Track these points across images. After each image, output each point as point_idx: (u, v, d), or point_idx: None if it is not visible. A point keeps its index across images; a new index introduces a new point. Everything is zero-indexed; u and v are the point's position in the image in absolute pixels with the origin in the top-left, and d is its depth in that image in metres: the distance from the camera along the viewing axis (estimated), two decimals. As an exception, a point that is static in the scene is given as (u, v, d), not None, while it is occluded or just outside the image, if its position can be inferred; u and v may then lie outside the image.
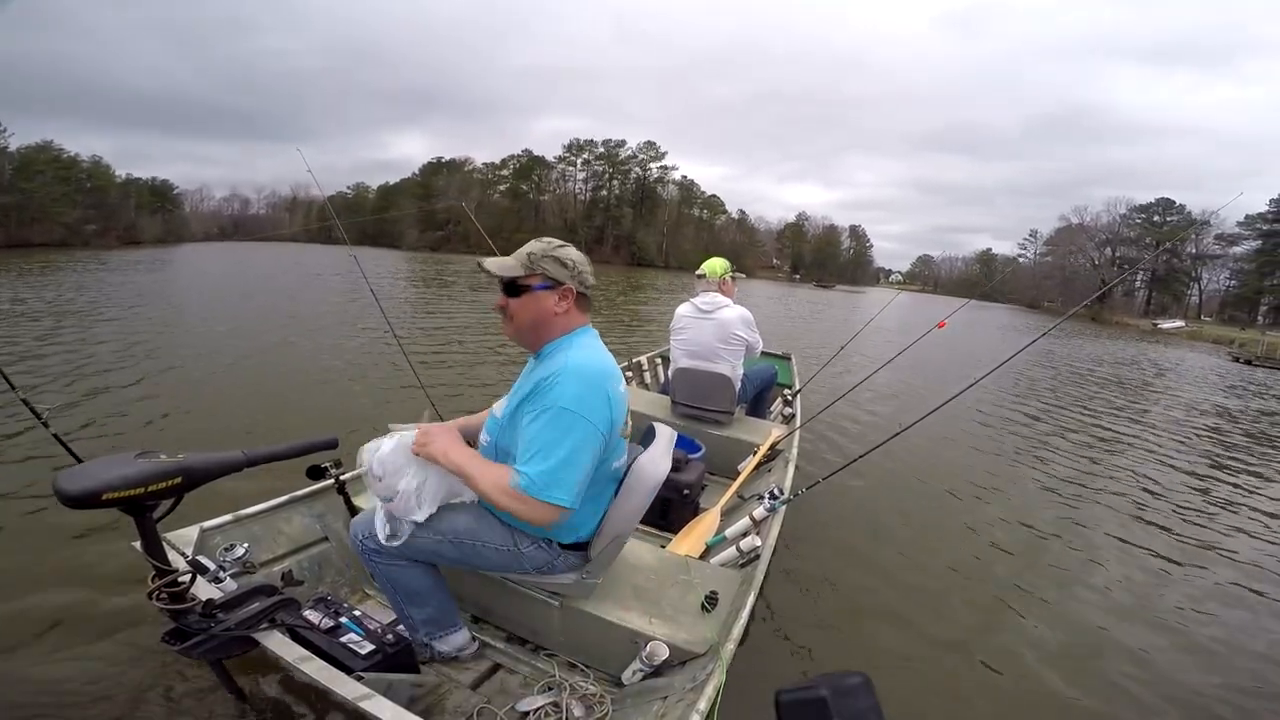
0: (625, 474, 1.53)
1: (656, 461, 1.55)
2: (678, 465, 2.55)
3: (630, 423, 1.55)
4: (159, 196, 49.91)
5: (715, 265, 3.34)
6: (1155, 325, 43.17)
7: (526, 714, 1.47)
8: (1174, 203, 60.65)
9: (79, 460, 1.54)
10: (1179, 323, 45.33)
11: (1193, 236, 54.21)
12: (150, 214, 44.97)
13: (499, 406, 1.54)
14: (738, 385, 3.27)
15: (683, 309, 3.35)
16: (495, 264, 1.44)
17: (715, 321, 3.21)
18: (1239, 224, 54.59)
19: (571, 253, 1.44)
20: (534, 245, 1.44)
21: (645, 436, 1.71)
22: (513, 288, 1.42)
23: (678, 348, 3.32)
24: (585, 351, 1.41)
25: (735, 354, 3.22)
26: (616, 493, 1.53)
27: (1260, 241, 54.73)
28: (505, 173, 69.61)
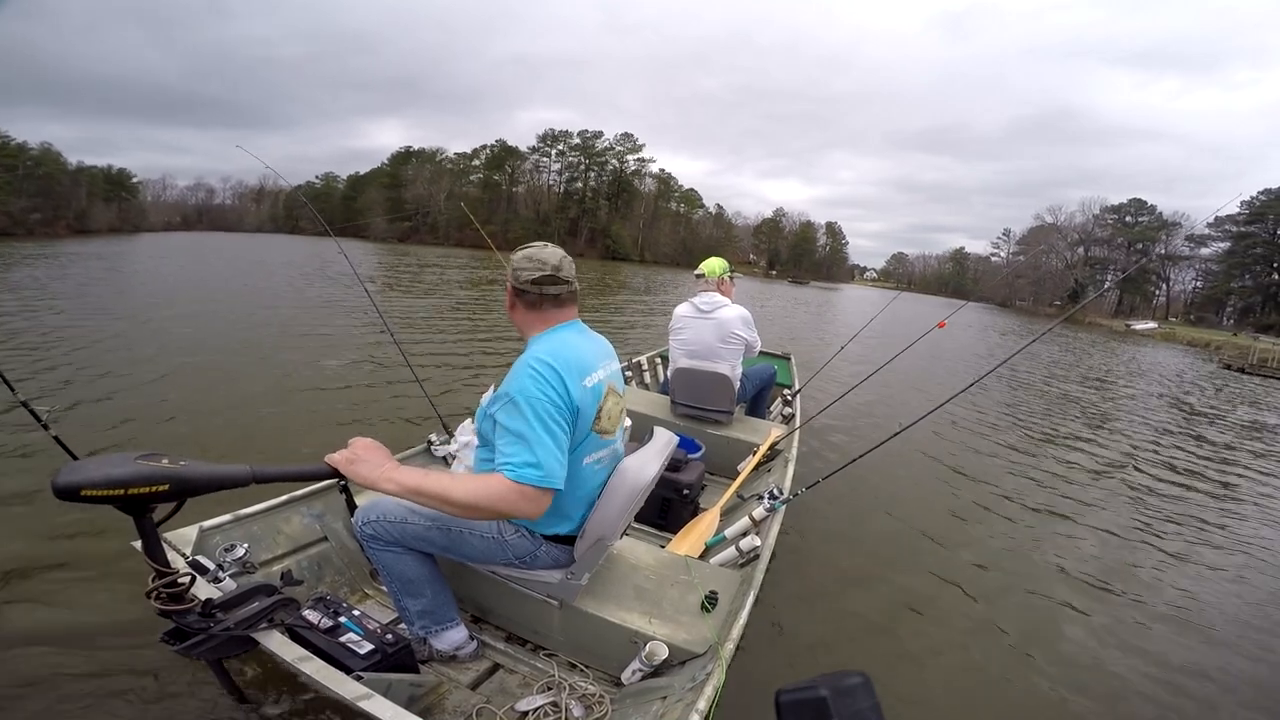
0: (610, 474, 1.54)
1: (642, 466, 1.55)
2: (677, 465, 2.55)
3: (614, 418, 1.55)
4: (115, 185, 48.34)
5: (714, 265, 3.35)
6: (1128, 326, 42.57)
7: (526, 714, 1.47)
8: (1145, 203, 60.75)
9: (75, 459, 1.54)
10: (1152, 324, 44.78)
11: (1163, 237, 54.69)
12: (105, 203, 43.60)
13: (487, 397, 1.59)
14: (737, 385, 3.27)
15: (682, 309, 3.35)
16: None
17: (715, 321, 3.21)
18: (1209, 225, 54.82)
19: (519, 252, 1.52)
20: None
21: (644, 439, 1.72)
22: None
23: (677, 348, 3.31)
24: (549, 344, 1.44)
25: (735, 353, 3.22)
26: (601, 492, 1.53)
27: (1230, 243, 54.66)
28: (477, 163, 68.43)
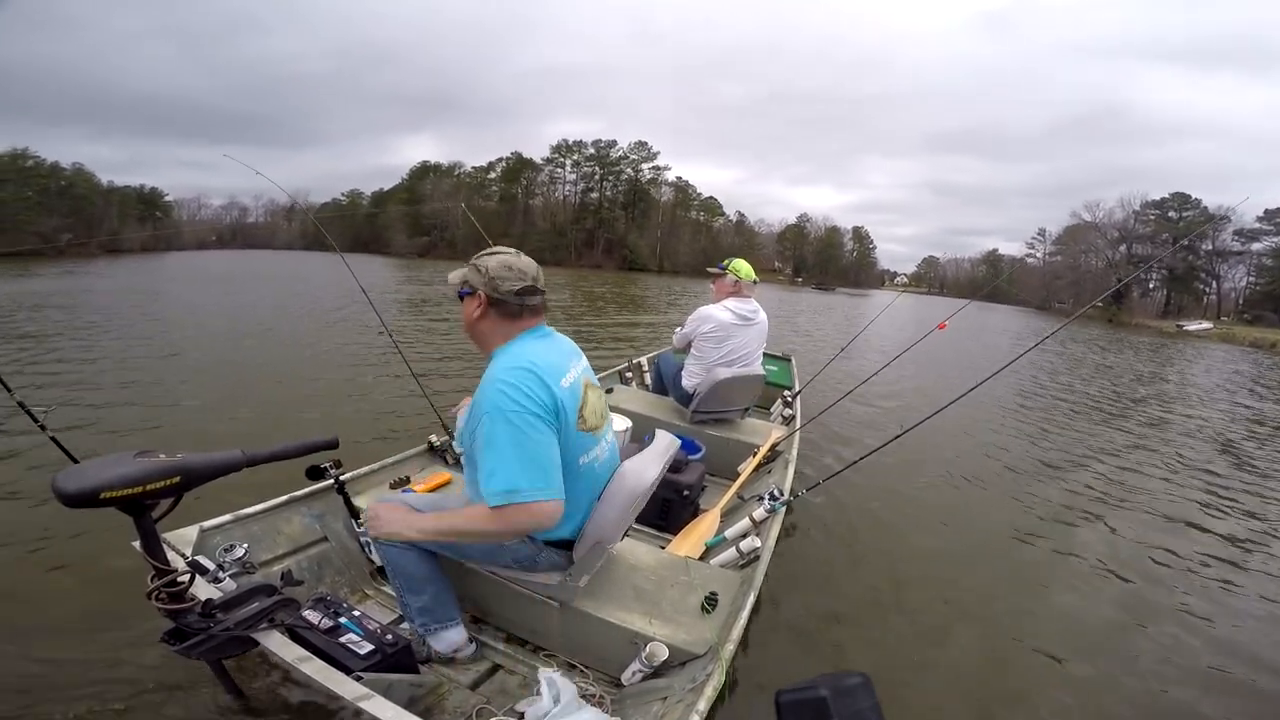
0: (610, 474, 1.55)
1: (642, 470, 1.55)
2: (677, 466, 2.54)
3: (598, 412, 1.54)
4: (149, 204, 48.86)
5: (749, 268, 3.35)
6: (1179, 327, 37.71)
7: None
8: (1189, 197, 54.91)
9: (75, 461, 1.54)
10: (1206, 324, 39.49)
11: (1210, 233, 50.36)
12: (138, 222, 43.96)
13: (462, 415, 1.58)
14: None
15: (723, 316, 3.20)
16: (453, 275, 1.52)
17: (758, 327, 3.29)
18: (1259, 219, 49.22)
19: (493, 260, 1.45)
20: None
21: (645, 441, 1.72)
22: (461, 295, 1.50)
23: (719, 358, 3.17)
24: (514, 352, 1.41)
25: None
26: (601, 495, 1.53)
27: (1285, 236, 49.17)
28: (493, 176, 68.08)
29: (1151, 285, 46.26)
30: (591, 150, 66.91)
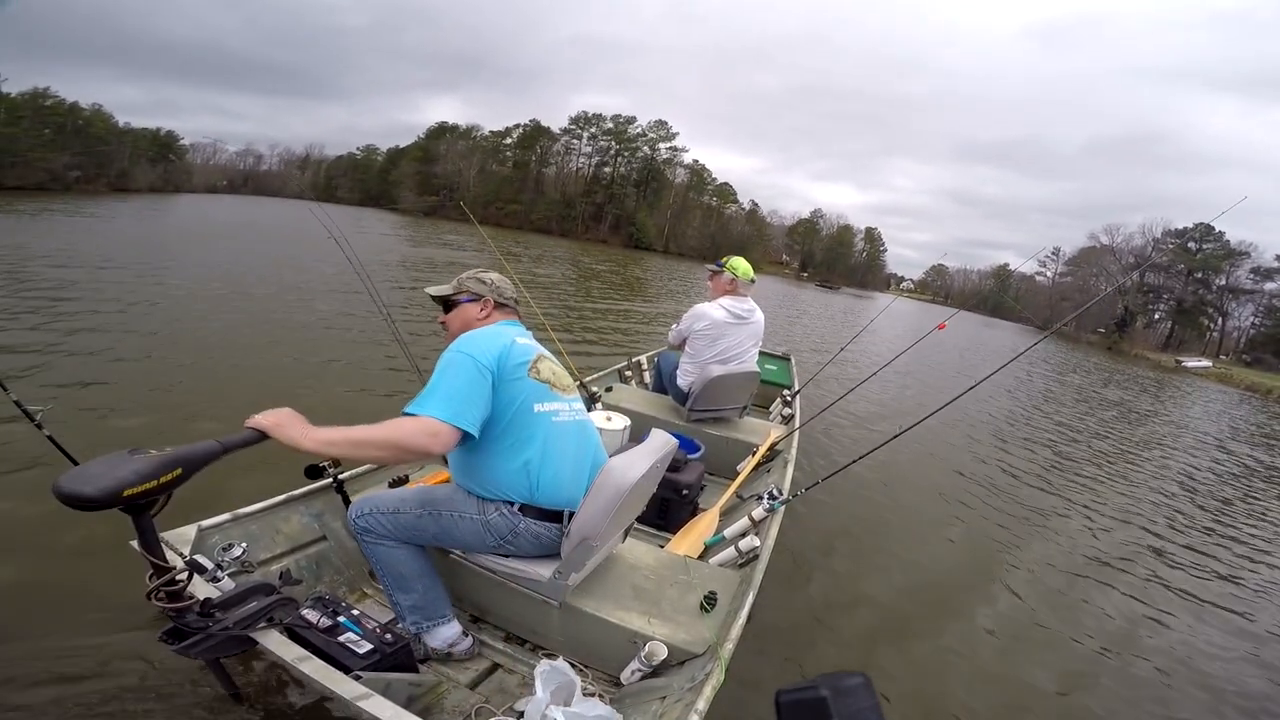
0: (572, 436, 1.60)
1: (628, 466, 1.55)
2: (676, 465, 2.54)
3: (558, 375, 1.65)
4: (163, 146, 48.42)
5: (749, 267, 3.34)
6: (1179, 363, 37.05)
7: (524, 713, 1.47)
8: (1213, 229, 49.71)
9: (75, 462, 1.53)
10: (1205, 362, 38.81)
11: (1226, 268, 48.82)
12: (150, 164, 43.46)
13: None
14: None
15: (717, 314, 3.20)
16: (434, 289, 1.79)
17: (753, 326, 3.28)
18: (1278, 257, 46.88)
19: (493, 275, 1.79)
20: (464, 273, 1.80)
21: (643, 440, 1.72)
22: (447, 305, 1.74)
23: (712, 356, 3.19)
24: (489, 327, 1.64)
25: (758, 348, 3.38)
26: (586, 491, 1.54)
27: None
28: (509, 141, 66.45)
29: (1157, 316, 44.55)
30: (610, 124, 65.37)
